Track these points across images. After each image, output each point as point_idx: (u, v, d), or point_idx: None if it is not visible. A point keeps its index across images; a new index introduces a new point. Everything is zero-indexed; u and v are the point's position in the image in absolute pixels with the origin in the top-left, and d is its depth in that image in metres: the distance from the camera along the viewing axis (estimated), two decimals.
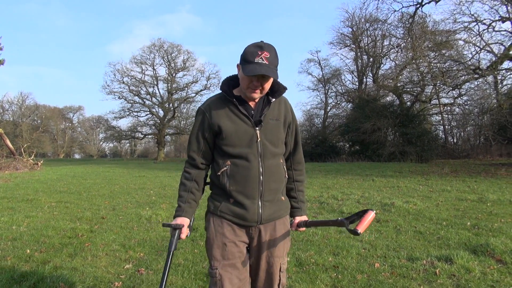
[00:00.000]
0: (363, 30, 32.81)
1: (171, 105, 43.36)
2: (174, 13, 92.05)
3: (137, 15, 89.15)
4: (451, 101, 25.35)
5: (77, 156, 62.93)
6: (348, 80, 37.28)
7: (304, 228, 1.98)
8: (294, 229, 1.99)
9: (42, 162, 21.39)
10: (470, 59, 18.38)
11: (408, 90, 26.86)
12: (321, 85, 37.75)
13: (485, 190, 8.93)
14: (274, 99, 1.86)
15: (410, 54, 21.76)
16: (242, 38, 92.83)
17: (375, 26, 30.70)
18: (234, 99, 1.81)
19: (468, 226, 5.32)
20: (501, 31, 18.33)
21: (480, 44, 18.26)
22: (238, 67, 1.79)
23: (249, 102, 1.84)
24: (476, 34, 18.11)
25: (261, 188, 1.81)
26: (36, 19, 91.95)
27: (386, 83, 28.33)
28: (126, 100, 42.66)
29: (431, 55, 21.04)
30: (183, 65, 43.24)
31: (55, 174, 16.53)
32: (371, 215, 1.64)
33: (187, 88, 43.77)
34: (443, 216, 6.02)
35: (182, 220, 1.82)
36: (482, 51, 18.48)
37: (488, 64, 18.21)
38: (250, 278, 1.89)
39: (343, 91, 36.58)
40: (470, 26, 17.96)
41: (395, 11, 21.07)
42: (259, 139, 1.80)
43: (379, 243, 4.53)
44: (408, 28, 20.55)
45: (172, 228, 1.78)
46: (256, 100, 1.85)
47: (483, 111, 23.08)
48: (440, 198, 7.90)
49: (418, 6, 19.55)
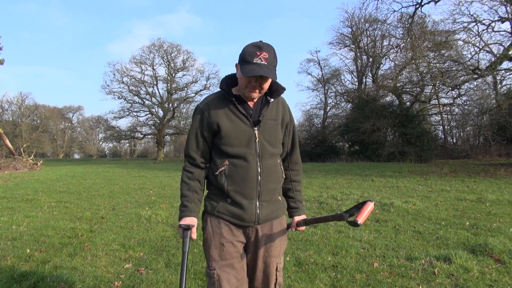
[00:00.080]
0: (363, 30, 32.86)
1: (170, 105, 43.35)
2: (173, 13, 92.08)
3: (136, 15, 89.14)
4: (451, 101, 25.41)
5: (76, 156, 62.88)
6: (348, 80, 37.34)
7: (304, 227, 1.98)
8: (294, 229, 1.98)
9: (41, 162, 21.39)
10: (470, 59, 18.42)
11: (407, 90, 26.89)
12: (320, 85, 37.79)
13: (484, 190, 8.94)
14: (272, 99, 1.85)
15: (410, 54, 21.80)
16: (242, 38, 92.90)
17: (375, 26, 30.78)
18: (233, 99, 1.80)
19: (467, 226, 5.33)
20: (500, 31, 18.38)
21: (480, 44, 18.32)
22: (237, 66, 1.78)
23: (247, 101, 1.83)
24: (475, 35, 18.15)
25: (259, 188, 1.80)
26: (35, 18, 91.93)
27: (386, 83, 28.36)
28: (125, 100, 42.68)
29: (430, 55, 21.08)
30: (182, 65, 43.25)
31: (54, 174, 16.53)
32: (370, 206, 1.64)
33: (186, 88, 43.80)
34: (442, 216, 6.04)
35: (191, 220, 1.80)
36: (482, 51, 18.52)
37: (487, 65, 18.23)
38: (246, 278, 1.89)
39: (343, 91, 36.62)
40: (470, 26, 18.00)
41: (395, 11, 21.14)
42: (257, 139, 1.79)
43: (378, 242, 4.54)
44: (408, 28, 20.59)
45: (183, 229, 1.76)
46: (255, 100, 1.84)
47: (482, 111, 23.11)
48: (439, 198, 7.91)
49: (418, 6, 19.61)
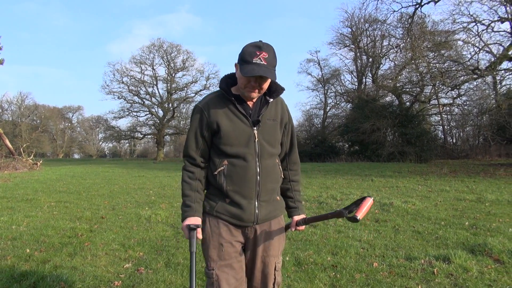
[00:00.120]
0: (363, 30, 32.86)
1: (170, 105, 43.35)
2: (173, 13, 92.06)
3: (136, 15, 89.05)
4: (450, 101, 25.41)
5: (76, 156, 62.86)
6: (348, 80, 37.33)
7: (303, 227, 1.98)
8: (293, 229, 1.98)
9: (41, 162, 21.38)
10: (469, 60, 18.43)
11: (407, 90, 26.90)
12: (320, 85, 37.77)
13: (483, 190, 8.95)
14: (271, 100, 1.85)
15: (409, 55, 21.83)
16: (241, 38, 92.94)
17: (375, 27, 30.76)
18: (233, 98, 1.80)
19: (466, 226, 5.34)
20: (500, 31, 18.39)
21: (479, 44, 18.31)
22: (236, 66, 1.77)
23: (247, 101, 1.82)
24: (475, 35, 18.16)
25: (258, 189, 1.80)
26: (35, 18, 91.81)
27: (386, 83, 28.37)
28: (125, 100, 42.68)
29: (430, 55, 21.09)
30: (182, 65, 43.25)
31: (54, 174, 16.53)
32: (369, 202, 1.64)
33: (186, 88, 43.80)
34: (442, 216, 6.05)
35: (195, 220, 1.78)
36: (481, 51, 18.51)
37: (487, 65, 18.24)
38: (245, 278, 1.89)
39: (343, 91, 36.61)
40: (469, 26, 18.00)
41: (394, 11, 21.15)
42: (256, 139, 1.79)
43: (378, 242, 4.55)
44: (407, 28, 20.60)
45: (188, 229, 1.74)
46: (254, 100, 1.83)
47: (482, 111, 23.12)
48: (439, 198, 7.92)
49: (417, 6, 19.62)
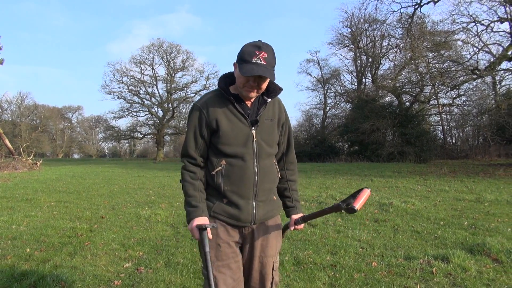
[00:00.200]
0: (362, 30, 32.91)
1: (170, 105, 43.37)
2: (173, 13, 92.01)
3: (136, 15, 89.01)
4: (450, 101, 25.41)
5: (76, 156, 62.84)
6: (347, 80, 37.33)
7: (302, 226, 1.98)
8: (292, 228, 1.98)
9: (41, 162, 21.38)
10: (469, 60, 18.44)
11: (407, 90, 26.92)
12: (320, 85, 37.83)
13: (483, 190, 8.97)
14: (269, 99, 1.84)
15: (409, 55, 21.84)
16: (241, 38, 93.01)
17: (374, 27, 30.79)
18: (232, 98, 1.80)
19: (465, 226, 5.36)
20: (499, 31, 18.43)
21: (479, 44, 18.33)
22: (235, 65, 1.76)
23: (245, 101, 1.82)
24: (474, 35, 18.19)
25: (255, 189, 1.80)
26: (35, 18, 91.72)
27: (385, 83, 28.40)
28: (125, 100, 42.72)
29: (429, 55, 21.12)
30: (182, 65, 43.27)
31: (54, 174, 16.54)
32: (366, 193, 1.64)
33: (186, 88, 43.86)
34: (441, 216, 6.06)
35: (204, 220, 1.75)
36: (481, 51, 18.54)
37: (486, 65, 18.25)
38: (243, 278, 1.88)
39: (342, 91, 36.65)
40: (469, 26, 18.04)
41: (394, 11, 21.18)
42: (255, 139, 1.79)
43: (377, 242, 4.57)
44: (407, 28, 20.63)
45: (199, 229, 1.70)
46: (252, 100, 1.83)
47: (481, 111, 23.13)
48: (438, 198, 7.94)
49: (417, 6, 19.65)
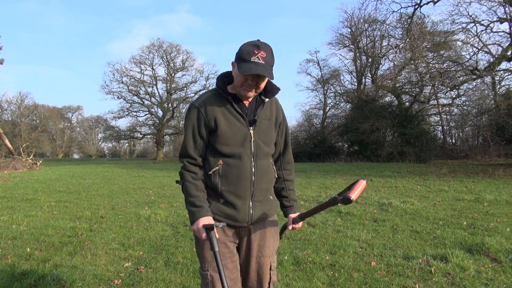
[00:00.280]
0: (362, 30, 32.93)
1: (170, 105, 43.41)
2: (173, 13, 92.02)
3: (136, 15, 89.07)
4: (450, 101, 25.41)
5: (76, 156, 62.84)
6: (347, 80, 37.35)
7: (300, 224, 1.98)
8: (291, 227, 1.97)
9: (40, 162, 21.39)
10: (468, 60, 18.45)
11: (406, 90, 26.94)
12: (320, 85, 37.84)
13: (482, 190, 8.98)
14: (267, 99, 1.84)
15: (409, 55, 21.84)
16: (241, 38, 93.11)
17: (374, 27, 30.82)
18: (229, 97, 1.79)
19: (464, 226, 5.37)
20: (499, 32, 18.43)
21: (478, 45, 18.34)
22: (233, 64, 1.76)
23: (243, 100, 1.82)
24: (474, 35, 18.19)
25: (252, 188, 1.80)
26: (35, 18, 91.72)
27: (385, 83, 28.41)
28: (125, 100, 42.78)
29: (429, 55, 21.13)
30: (182, 65, 43.33)
31: (54, 174, 16.54)
32: (362, 184, 1.65)
33: (186, 88, 43.92)
34: (440, 216, 6.07)
35: (209, 220, 1.74)
36: (480, 52, 18.55)
37: (486, 65, 18.26)
38: (240, 277, 1.88)
39: (342, 91, 36.67)
40: (468, 27, 18.05)
41: (394, 11, 21.18)
42: (252, 138, 1.79)
43: (376, 242, 4.58)
44: (407, 28, 20.64)
45: (206, 229, 1.69)
46: (250, 99, 1.83)
47: (481, 111, 23.16)
48: (438, 198, 7.95)
49: (417, 7, 19.67)
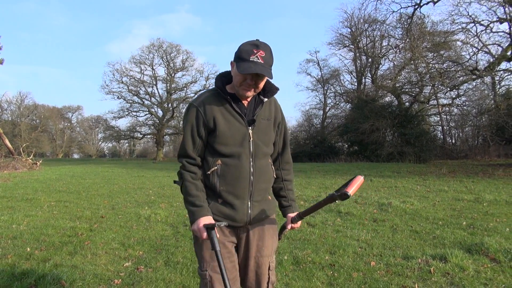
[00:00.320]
0: (362, 30, 32.91)
1: (170, 105, 43.40)
2: (173, 13, 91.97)
3: (136, 15, 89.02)
4: (449, 101, 25.42)
5: (76, 156, 62.85)
6: (347, 80, 37.32)
7: (299, 224, 1.97)
8: (289, 227, 1.96)
9: (40, 161, 21.40)
10: (468, 60, 18.45)
11: (406, 90, 26.94)
12: (320, 85, 37.83)
13: (482, 190, 8.99)
14: (266, 99, 1.84)
15: (409, 55, 21.83)
16: (241, 38, 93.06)
17: (374, 27, 30.80)
18: (228, 97, 1.79)
19: (464, 226, 5.38)
20: (498, 32, 18.43)
21: (478, 45, 18.33)
22: (232, 64, 1.76)
23: (242, 100, 1.82)
24: (474, 35, 18.19)
25: (251, 188, 1.81)
26: (35, 18, 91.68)
27: (385, 83, 28.40)
28: (125, 100, 42.77)
29: (429, 55, 21.13)
30: (182, 65, 43.31)
31: (54, 173, 16.55)
32: (359, 179, 1.65)
33: (186, 88, 43.90)
34: (439, 216, 6.08)
35: (210, 219, 1.74)
36: (480, 52, 18.55)
37: (486, 65, 18.27)
38: (239, 277, 1.88)
39: (342, 91, 36.66)
40: (468, 27, 18.05)
41: (394, 12, 21.17)
42: (251, 138, 1.79)
43: (375, 242, 4.59)
44: (407, 28, 20.63)
45: (207, 229, 1.68)
46: (249, 99, 1.83)
47: (481, 111, 23.16)
48: (437, 198, 7.96)
49: (417, 7, 19.66)
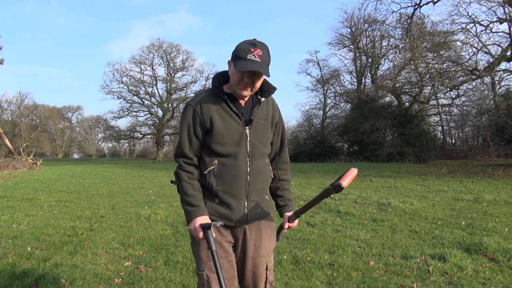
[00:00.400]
0: (362, 30, 32.91)
1: (170, 105, 43.41)
2: (173, 13, 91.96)
3: (136, 15, 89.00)
4: (449, 101, 25.43)
5: (76, 156, 62.84)
6: (347, 80, 37.31)
7: (296, 222, 1.97)
8: (287, 226, 1.96)
9: (40, 161, 21.41)
10: (468, 60, 18.45)
11: (406, 90, 26.95)
12: (320, 85, 37.82)
13: (481, 190, 9.00)
14: (263, 99, 1.84)
15: (409, 55, 21.83)
16: (241, 38, 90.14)
17: (374, 27, 30.80)
18: (225, 96, 1.78)
19: (463, 226, 5.39)
20: (498, 32, 18.44)
21: (478, 45, 18.33)
22: (229, 63, 1.76)
23: (239, 100, 1.81)
24: (473, 35, 18.20)
25: (247, 188, 1.81)
26: (35, 18, 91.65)
27: (385, 83, 28.40)
28: (125, 100, 42.75)
29: (429, 56, 21.12)
30: (182, 65, 43.29)
31: (54, 173, 16.56)
32: (353, 172, 1.66)
33: (186, 88, 43.86)
34: (439, 216, 6.10)
35: (206, 219, 1.74)
36: (480, 52, 18.54)
37: (485, 65, 18.28)
38: (237, 276, 1.88)
39: (342, 91, 36.66)
40: (468, 27, 18.06)
41: (394, 12, 21.22)
42: (248, 138, 1.79)
43: (375, 241, 4.60)
44: (407, 29, 20.67)
45: (203, 228, 1.69)
46: (246, 99, 1.83)
47: (481, 112, 23.16)
48: (437, 198, 7.97)
49: (416, 7, 19.71)
